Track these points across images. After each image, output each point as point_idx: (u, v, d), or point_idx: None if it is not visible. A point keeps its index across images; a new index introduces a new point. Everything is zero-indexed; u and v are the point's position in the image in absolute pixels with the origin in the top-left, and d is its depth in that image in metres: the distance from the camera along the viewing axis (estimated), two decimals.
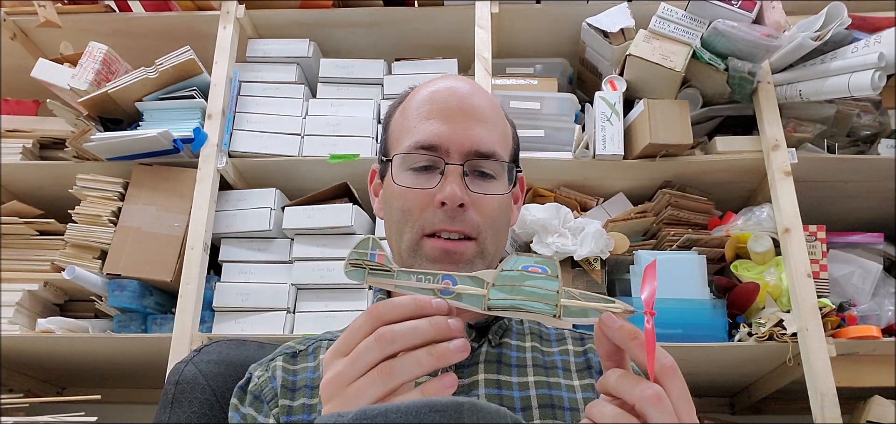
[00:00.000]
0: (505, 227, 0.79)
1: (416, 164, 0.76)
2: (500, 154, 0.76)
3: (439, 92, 0.78)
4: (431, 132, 0.75)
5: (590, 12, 1.60)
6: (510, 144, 0.82)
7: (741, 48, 1.45)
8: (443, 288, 0.54)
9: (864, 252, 1.52)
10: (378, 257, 0.56)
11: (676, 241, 1.45)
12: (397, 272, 0.56)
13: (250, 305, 1.43)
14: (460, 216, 0.72)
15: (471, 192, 0.74)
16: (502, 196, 0.76)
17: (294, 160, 1.53)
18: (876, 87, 1.33)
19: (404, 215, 0.75)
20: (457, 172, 0.73)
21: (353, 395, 0.50)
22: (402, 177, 0.76)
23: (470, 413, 0.48)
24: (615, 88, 1.51)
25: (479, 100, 0.78)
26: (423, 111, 0.77)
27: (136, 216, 1.47)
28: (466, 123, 0.75)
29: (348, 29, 1.72)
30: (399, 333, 0.50)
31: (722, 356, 1.37)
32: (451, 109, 0.76)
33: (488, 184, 0.76)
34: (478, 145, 0.75)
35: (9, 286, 1.46)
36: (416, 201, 0.74)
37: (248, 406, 0.75)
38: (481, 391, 0.73)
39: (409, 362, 0.50)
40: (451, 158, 0.74)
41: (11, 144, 1.61)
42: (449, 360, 0.50)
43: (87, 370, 1.65)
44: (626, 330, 0.51)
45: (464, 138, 0.74)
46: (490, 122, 0.77)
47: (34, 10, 1.61)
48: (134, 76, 1.52)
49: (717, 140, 1.50)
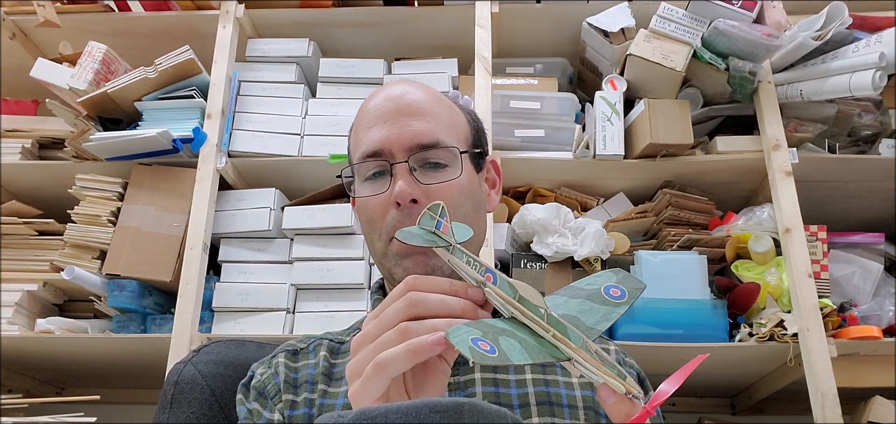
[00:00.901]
0: (473, 212, 0.79)
1: (368, 173, 0.78)
2: (445, 142, 0.77)
3: (378, 101, 0.80)
4: (373, 139, 0.77)
5: (590, 12, 1.60)
6: (463, 131, 0.82)
7: (742, 48, 1.44)
8: (484, 281, 0.55)
9: (864, 252, 1.51)
10: (443, 226, 0.59)
11: (677, 241, 1.45)
12: (455, 247, 0.58)
13: (250, 305, 1.43)
14: (416, 211, 0.72)
15: (422, 185, 0.75)
16: (459, 182, 0.77)
17: (294, 160, 1.53)
18: (877, 86, 1.32)
19: (370, 225, 0.78)
20: (403, 169, 0.75)
21: (372, 349, 0.52)
22: (361, 189, 0.79)
23: (470, 413, 0.48)
24: (615, 87, 1.51)
25: (415, 96, 0.79)
26: (365, 122, 0.80)
27: (136, 216, 1.47)
28: (404, 120, 0.77)
29: (348, 29, 1.72)
30: (428, 300, 0.53)
31: (722, 356, 1.37)
32: (388, 112, 0.78)
33: (440, 173, 0.76)
34: (418, 139, 0.76)
35: (8, 287, 1.45)
36: (376, 209, 0.77)
37: (253, 400, 0.76)
38: (478, 389, 0.73)
39: (427, 324, 0.51)
40: (395, 158, 0.76)
41: (10, 143, 1.61)
42: (426, 353, 0.51)
43: (86, 370, 1.64)
44: (618, 408, 0.50)
45: (403, 136, 0.76)
46: (429, 113, 0.78)
47: (33, 10, 1.61)
48: (133, 76, 1.52)
49: (717, 140, 1.50)
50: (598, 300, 0.57)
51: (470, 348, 0.48)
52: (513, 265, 1.42)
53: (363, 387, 0.52)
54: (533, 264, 1.41)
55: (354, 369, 0.54)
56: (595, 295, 0.57)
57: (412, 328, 0.51)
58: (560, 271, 1.40)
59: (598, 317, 0.55)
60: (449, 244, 0.58)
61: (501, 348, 0.49)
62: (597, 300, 0.57)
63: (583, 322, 0.55)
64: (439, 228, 0.59)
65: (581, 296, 0.58)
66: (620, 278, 0.59)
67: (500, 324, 0.53)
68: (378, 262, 0.79)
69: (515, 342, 0.51)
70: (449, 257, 0.58)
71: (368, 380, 0.51)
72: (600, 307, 0.56)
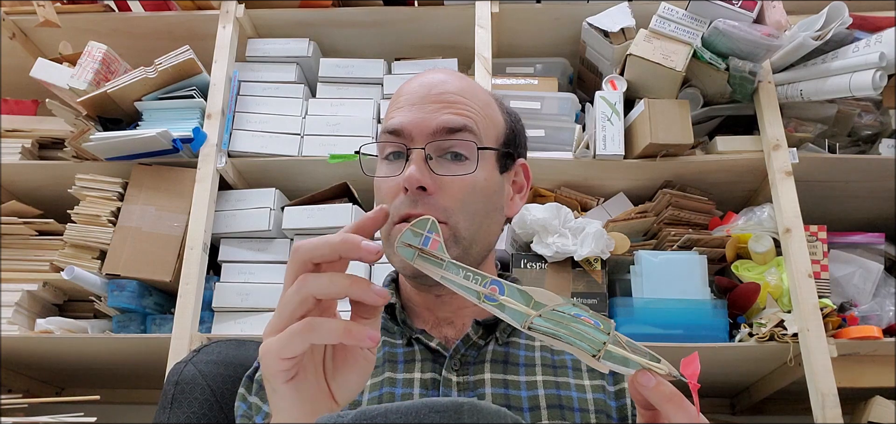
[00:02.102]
0: (485, 212, 0.75)
1: (386, 152, 0.76)
2: (465, 135, 0.74)
3: (411, 84, 0.78)
4: (397, 119, 0.74)
5: (590, 12, 1.60)
6: (496, 129, 0.79)
7: (742, 48, 1.44)
8: (489, 293, 0.53)
9: (865, 252, 1.51)
10: (432, 242, 0.55)
11: (677, 241, 1.45)
12: (447, 263, 0.54)
13: (250, 305, 1.43)
14: (423, 200, 0.70)
15: (436, 175, 0.72)
16: (474, 178, 0.73)
17: (294, 160, 1.53)
18: (877, 86, 1.32)
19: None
20: (418, 155, 0.72)
21: (275, 348, 0.50)
22: (379, 168, 0.77)
23: (470, 413, 0.47)
24: (616, 87, 1.51)
25: (451, 85, 0.77)
26: (397, 101, 0.77)
27: (136, 216, 1.47)
28: (432, 106, 0.74)
29: (348, 29, 1.72)
30: (315, 285, 0.50)
31: (723, 356, 1.37)
32: (420, 96, 0.75)
33: (457, 165, 0.73)
34: (442, 125, 0.73)
35: (8, 287, 1.45)
36: (387, 191, 0.74)
37: (255, 394, 0.76)
38: (488, 390, 0.72)
39: (324, 328, 0.49)
40: (414, 142, 0.73)
41: (10, 143, 1.61)
42: (358, 342, 0.49)
43: (86, 370, 1.64)
44: (662, 391, 0.50)
45: (428, 121, 0.73)
46: (461, 104, 0.75)
47: (33, 10, 1.61)
48: (133, 76, 1.52)
49: (717, 140, 1.50)
50: (580, 323, 0.54)
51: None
52: (513, 265, 1.42)
53: (279, 341, 0.50)
54: (533, 264, 1.41)
55: (267, 329, 0.52)
56: (572, 319, 0.54)
57: (315, 327, 0.49)
58: (560, 271, 1.40)
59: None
60: (441, 261, 0.54)
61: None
62: (579, 323, 0.54)
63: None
64: (427, 244, 0.54)
65: (567, 320, 0.55)
66: (592, 315, 0.54)
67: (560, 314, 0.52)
68: (385, 245, 0.76)
69: (556, 331, 0.52)
70: (442, 274, 0.54)
71: (289, 335, 0.49)
72: (590, 329, 0.54)
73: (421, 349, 0.76)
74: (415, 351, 0.76)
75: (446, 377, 0.73)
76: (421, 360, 0.75)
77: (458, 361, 0.74)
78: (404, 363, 0.75)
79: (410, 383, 0.73)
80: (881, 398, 1.37)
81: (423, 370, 0.74)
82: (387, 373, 0.74)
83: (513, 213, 0.82)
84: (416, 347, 0.76)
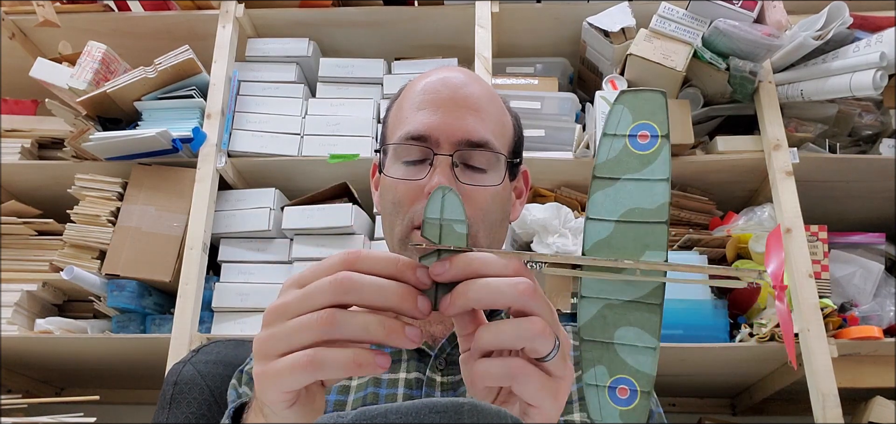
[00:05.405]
0: (500, 221, 0.76)
1: (407, 157, 0.74)
2: (493, 144, 0.74)
3: (432, 83, 0.76)
4: (421, 123, 0.73)
5: (590, 11, 1.60)
6: (509, 136, 0.79)
7: (742, 47, 1.44)
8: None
9: (865, 252, 1.51)
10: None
11: (677, 241, 1.45)
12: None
13: (249, 305, 1.43)
14: None
15: (460, 184, 0.72)
16: (495, 189, 0.74)
17: (293, 160, 1.53)
18: (877, 86, 1.32)
19: (396, 208, 0.74)
20: (445, 163, 0.71)
21: (285, 333, 0.45)
22: (395, 169, 0.75)
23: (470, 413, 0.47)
24: (616, 87, 1.51)
25: (473, 89, 0.76)
26: (415, 102, 0.76)
27: (135, 216, 1.47)
28: (457, 113, 0.73)
29: (348, 28, 1.72)
30: (360, 284, 0.45)
31: (723, 356, 1.37)
32: (443, 99, 0.74)
33: (480, 176, 0.73)
34: (469, 135, 0.72)
35: (7, 287, 1.45)
36: (406, 193, 0.73)
37: (244, 385, 0.76)
38: None
39: (356, 322, 0.44)
40: (440, 148, 0.72)
41: (10, 143, 1.61)
42: (397, 343, 0.45)
43: (85, 370, 1.64)
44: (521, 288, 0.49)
45: (454, 128, 0.72)
46: (484, 112, 0.75)
47: (33, 10, 1.61)
48: (133, 76, 1.52)
49: (718, 140, 1.50)
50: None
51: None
52: None
53: (279, 375, 0.45)
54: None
55: (266, 347, 0.46)
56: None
57: (338, 320, 0.44)
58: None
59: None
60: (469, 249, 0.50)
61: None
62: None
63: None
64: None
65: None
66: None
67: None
68: (392, 244, 0.76)
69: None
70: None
71: (292, 371, 0.44)
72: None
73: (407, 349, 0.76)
74: (401, 350, 0.76)
75: (430, 376, 0.73)
76: (406, 359, 0.76)
77: (444, 360, 0.75)
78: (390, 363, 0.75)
79: (395, 383, 0.73)
80: (882, 398, 1.37)
81: (409, 369, 0.74)
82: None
83: (514, 218, 0.83)
84: None
